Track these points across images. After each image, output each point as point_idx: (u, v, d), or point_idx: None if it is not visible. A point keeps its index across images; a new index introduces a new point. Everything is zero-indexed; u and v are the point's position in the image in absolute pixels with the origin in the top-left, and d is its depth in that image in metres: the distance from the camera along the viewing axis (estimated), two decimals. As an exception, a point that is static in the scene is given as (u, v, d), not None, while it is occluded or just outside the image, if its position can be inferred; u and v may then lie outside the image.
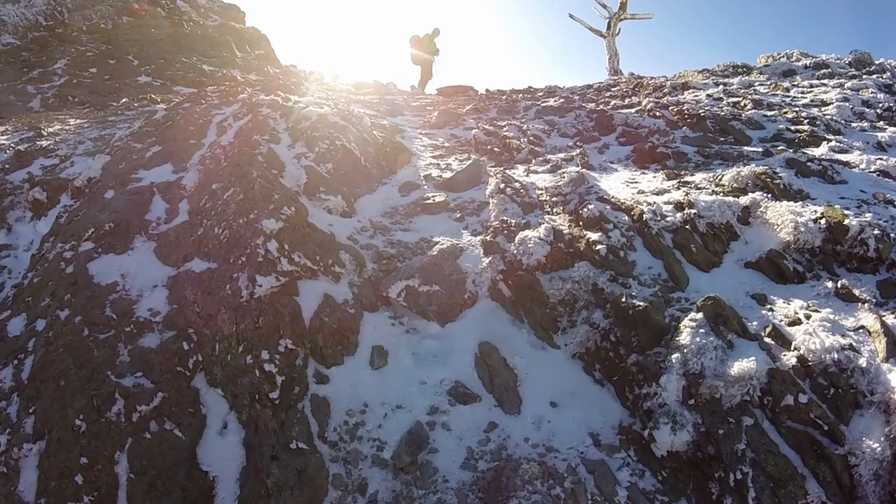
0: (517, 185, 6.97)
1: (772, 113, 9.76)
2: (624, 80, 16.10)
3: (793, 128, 9.17)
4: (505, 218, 6.33)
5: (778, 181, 6.25)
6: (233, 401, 5.21)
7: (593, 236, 5.59)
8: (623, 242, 5.55)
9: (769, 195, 6.12)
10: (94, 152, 9.36)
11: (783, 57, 19.21)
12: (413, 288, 5.72)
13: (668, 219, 5.76)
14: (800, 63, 15.90)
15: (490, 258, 5.93)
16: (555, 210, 6.36)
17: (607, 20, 19.91)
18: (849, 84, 12.80)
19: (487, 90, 15.42)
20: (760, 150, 8.26)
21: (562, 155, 8.43)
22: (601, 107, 11.50)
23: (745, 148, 8.43)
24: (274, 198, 6.29)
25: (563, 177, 6.95)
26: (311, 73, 21.07)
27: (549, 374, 5.30)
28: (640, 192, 6.48)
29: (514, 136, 9.50)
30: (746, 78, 14.18)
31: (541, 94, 14.58)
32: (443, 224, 6.89)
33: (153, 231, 7.16)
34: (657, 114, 9.91)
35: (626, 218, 5.82)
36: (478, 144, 9.52)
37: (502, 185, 6.82)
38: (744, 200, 5.99)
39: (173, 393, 5.19)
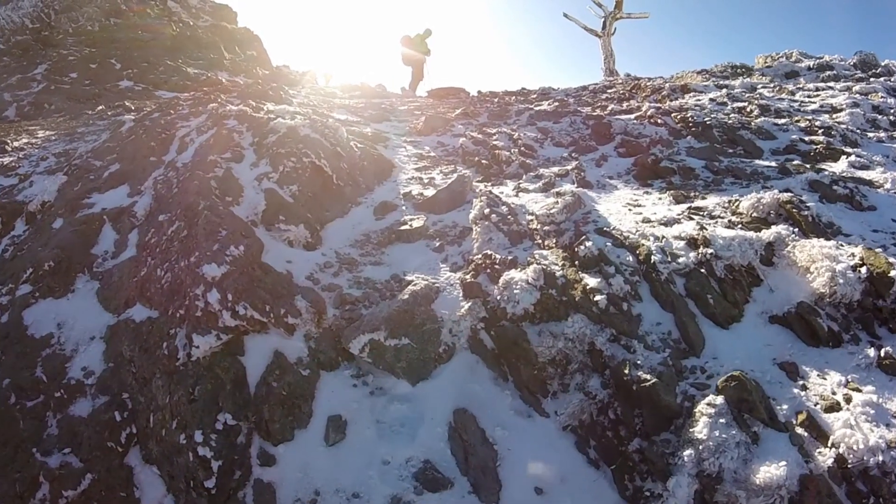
0: (504, 209, 5.83)
1: (782, 121, 8.56)
2: (620, 81, 14.84)
3: (807, 138, 7.99)
4: (489, 251, 5.20)
5: (806, 212, 5.07)
6: (170, 482, 4.21)
7: (591, 282, 4.45)
8: (626, 291, 4.40)
9: (795, 228, 4.97)
10: (54, 170, 8.22)
11: (782, 57, 17.88)
12: (379, 342, 4.61)
13: (679, 259, 4.61)
14: (802, 64, 14.61)
15: (470, 303, 4.82)
16: (546, 242, 5.22)
17: (603, 19, 18.54)
18: (856, 88, 11.54)
19: (479, 92, 14.19)
20: (774, 164, 7.09)
21: (556, 169, 7.27)
22: (598, 111, 10.30)
23: (758, 162, 7.27)
24: (220, 234, 5.17)
25: (557, 200, 5.80)
26: (304, 73, 19.79)
27: (535, 450, 4.19)
28: (646, 220, 5.32)
29: (504, 147, 8.33)
30: (748, 80, 12.93)
31: (534, 96, 13.36)
32: (419, 255, 5.77)
33: (98, 269, 6.10)
34: (659, 121, 8.72)
35: (631, 258, 4.65)
36: (465, 155, 8.36)
37: (487, 211, 5.67)
38: (767, 235, 4.83)
39: (103, 473, 4.31)
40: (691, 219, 5.22)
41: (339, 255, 5.74)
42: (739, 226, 5.10)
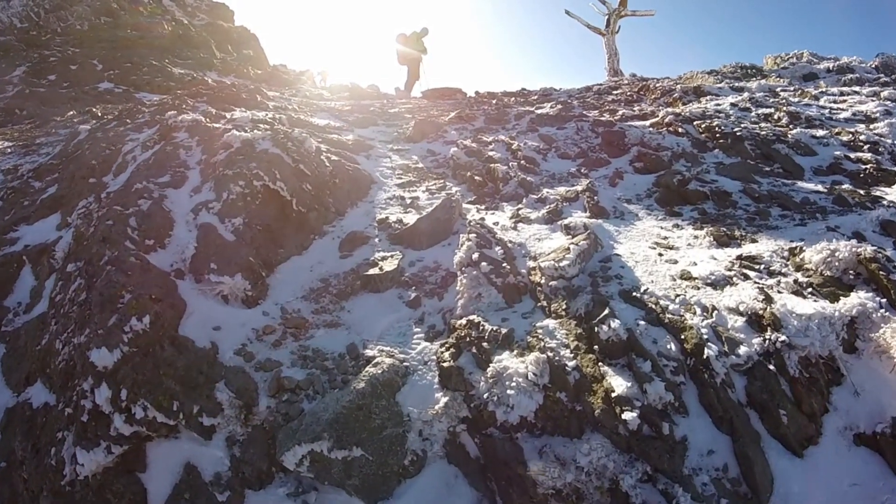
0: (498, 250, 4.22)
1: (821, 134, 6.87)
2: (626, 81, 13.07)
3: (852, 155, 6.31)
4: (475, 318, 3.61)
5: (895, 275, 3.47)
6: None
7: (617, 385, 2.86)
8: (668, 401, 2.82)
9: (879, 295, 3.38)
10: (-9, 193, 6.70)
11: (792, 58, 16.00)
12: (321, 455, 3.08)
13: (740, 350, 2.99)
14: (820, 66, 12.77)
15: (448, 397, 3.27)
16: (553, 306, 3.62)
17: (606, 17, 16.62)
18: (885, 93, 9.75)
19: (477, 92, 12.46)
20: (822, 189, 5.44)
21: (563, 189, 5.63)
22: (606, 116, 8.60)
23: (802, 185, 5.62)
24: (121, 302, 3.60)
25: (568, 247, 4.18)
26: (301, 72, 18.09)
27: None
28: (685, 274, 3.69)
29: (500, 159, 6.69)
30: (765, 82, 11.15)
31: (535, 97, 11.63)
32: (388, 312, 4.18)
33: (7, 327, 4.64)
34: (679, 130, 7.05)
35: (673, 346, 3.03)
36: (456, 168, 6.74)
37: (476, 256, 4.06)
38: (848, 308, 3.25)
39: None
40: (745, 276, 3.59)
41: (286, 314, 4.16)
42: (810, 289, 3.48)
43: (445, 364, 3.35)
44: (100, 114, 8.88)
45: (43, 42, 13.93)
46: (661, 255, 4.09)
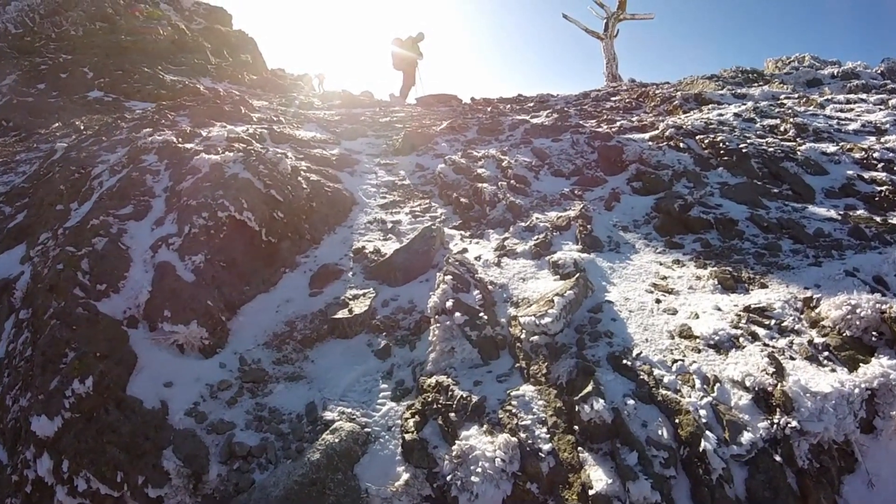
0: (476, 295, 3.68)
1: (832, 150, 6.28)
2: (625, 87, 12.47)
3: (866, 175, 5.71)
4: (445, 380, 3.12)
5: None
6: None
7: (596, 479, 2.33)
8: (654, 501, 2.33)
9: None
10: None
11: (794, 61, 15.30)
12: (258, 549, 2.62)
13: (742, 436, 2.48)
14: (825, 72, 12.06)
15: (409, 474, 2.80)
16: (533, 368, 3.10)
17: (605, 20, 15.94)
18: (893, 101, 9.11)
19: (473, 99, 11.91)
20: (836, 216, 4.87)
21: (553, 215, 5.11)
22: (604, 127, 8.04)
23: (813, 210, 5.06)
24: (64, 361, 3.16)
25: (554, 279, 3.71)
26: (300, 77, 17.60)
27: None
28: (685, 332, 3.13)
29: (490, 178, 6.17)
30: (768, 89, 10.52)
31: (531, 104, 11.07)
32: (355, 363, 3.68)
33: None
34: (681, 145, 6.49)
35: (665, 431, 2.51)
36: (443, 188, 6.22)
37: (450, 303, 3.54)
38: (868, 378, 2.72)
39: None
40: (754, 335, 3.06)
41: (245, 365, 3.68)
42: (826, 353, 2.95)
43: (409, 436, 2.87)
44: (82, 127, 8.43)
45: (35, 49, 13.47)
46: (658, 301, 3.57)
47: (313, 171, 6.23)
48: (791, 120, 7.49)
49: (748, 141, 6.31)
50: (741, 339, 3.03)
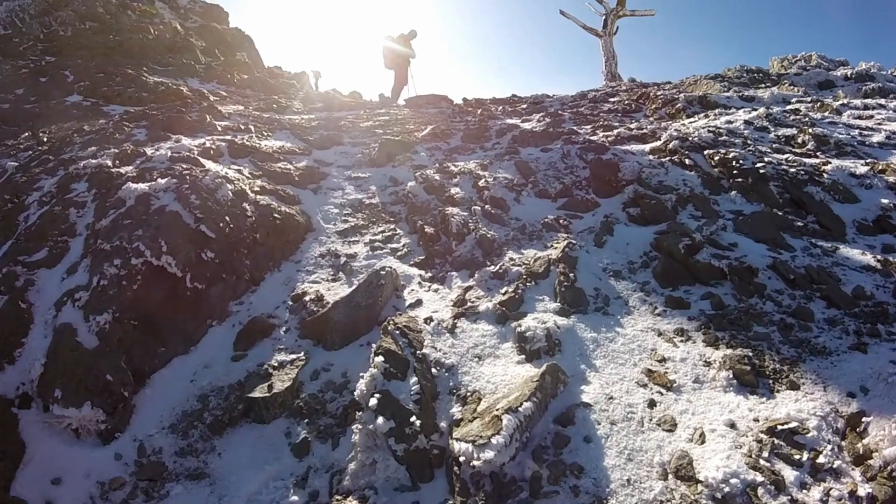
0: (413, 386, 2.59)
1: (862, 170, 5.00)
2: (624, 87, 11.13)
3: (906, 201, 4.54)
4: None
5: None
6: None
7: None
8: None
9: None
10: None
11: (800, 60, 13.74)
12: None
13: None
14: (837, 73, 10.57)
15: None
16: (479, 497, 2.10)
17: (603, 17, 14.42)
18: (917, 105, 7.82)
19: (464, 100, 10.65)
20: (872, 261, 3.65)
21: (531, 254, 3.95)
22: (600, 135, 6.80)
23: (848, 254, 3.87)
24: None
25: (517, 360, 2.62)
26: (297, 74, 16.35)
27: None
28: (683, 472, 2.00)
29: (463, 200, 5.01)
30: (779, 92, 9.15)
31: (524, 106, 9.80)
32: (265, 463, 2.60)
33: None
34: (687, 161, 5.29)
35: None
36: (411, 210, 5.08)
37: (374, 402, 2.46)
38: None
39: None
40: (778, 486, 1.93)
41: (143, 456, 2.69)
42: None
43: None
44: (45, 139, 7.34)
45: (19, 51, 12.33)
46: (652, 404, 2.46)
47: (267, 191, 5.13)
48: (809, 130, 6.22)
49: (765, 159, 5.08)
50: (760, 493, 1.92)
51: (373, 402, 2.46)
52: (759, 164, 4.89)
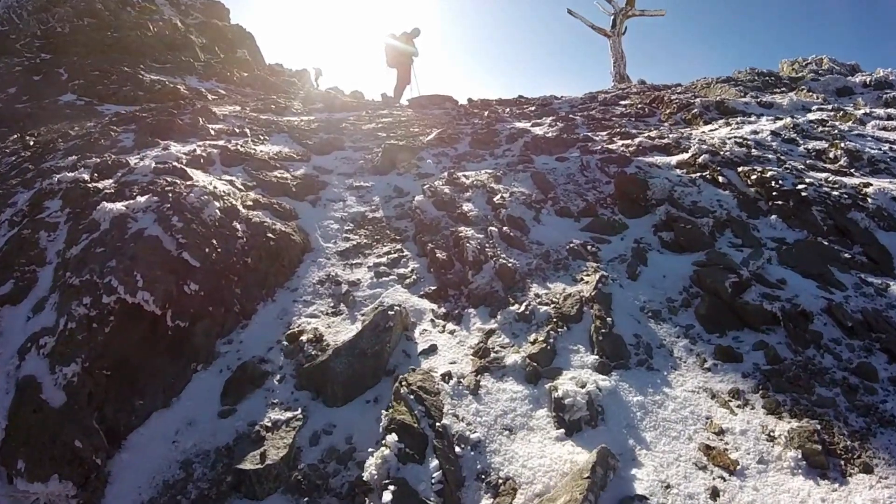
0: (434, 473, 2.11)
1: (908, 190, 4.60)
2: (636, 90, 10.59)
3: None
4: None
5: None
6: None
7: None
8: None
9: None
10: None
11: (811, 63, 13.20)
12: None
13: None
14: (856, 80, 10.05)
15: None
16: None
17: (612, 17, 13.80)
18: (943, 115, 7.34)
19: (469, 100, 10.08)
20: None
21: (559, 290, 3.41)
22: (618, 143, 6.26)
23: (907, 291, 3.45)
24: None
25: (556, 435, 2.15)
26: (298, 72, 15.69)
27: None
28: None
29: (477, 219, 4.49)
30: (798, 98, 8.62)
31: (532, 108, 9.25)
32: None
33: None
34: (720, 178, 4.78)
35: None
36: (420, 228, 4.55)
37: (389, 497, 2.02)
38: None
39: None
40: None
41: None
42: None
43: None
44: (31, 142, 6.75)
45: (15, 48, 11.61)
46: (715, 495, 2.03)
47: (261, 205, 4.61)
48: (840, 144, 5.75)
49: (806, 179, 4.59)
50: None
51: (387, 496, 1.99)
52: (800, 186, 4.41)
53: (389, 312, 3.14)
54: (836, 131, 6.30)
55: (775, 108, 8.21)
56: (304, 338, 3.26)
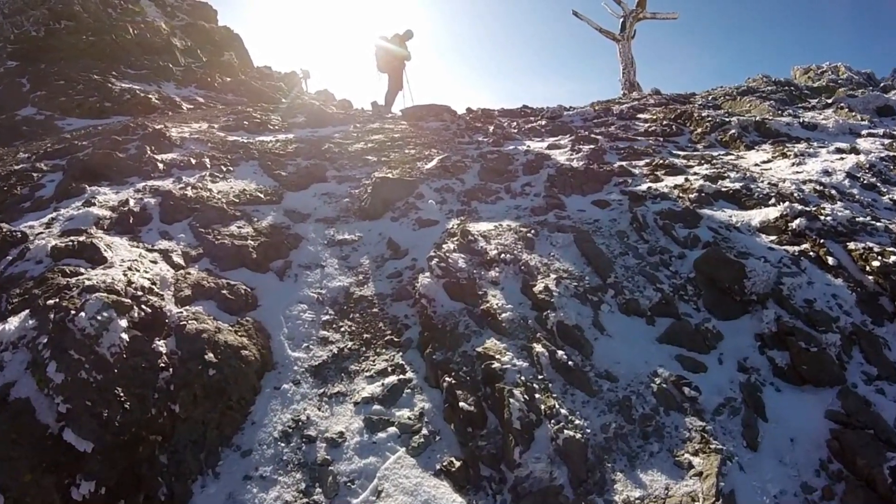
0: None
1: None
2: (652, 101, 9.03)
3: None
4: None
5: None
6: None
7: None
8: None
9: None
10: None
11: (827, 71, 11.80)
12: None
13: None
14: (893, 97, 8.66)
15: None
16: None
17: (621, 20, 12.06)
18: None
19: (469, 110, 8.38)
20: None
21: (660, 488, 1.99)
22: (671, 185, 4.62)
23: None
24: None
25: None
26: (287, 74, 13.74)
27: None
28: None
29: (513, 327, 2.83)
30: (843, 121, 7.09)
31: (541, 121, 7.57)
32: None
33: None
34: (829, 259, 3.28)
35: None
36: (429, 333, 2.92)
37: None
38: None
39: None
40: None
41: None
42: None
43: None
44: None
45: None
46: None
47: (204, 291, 3.01)
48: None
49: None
50: None
51: None
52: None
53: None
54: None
55: (819, 129, 6.80)
56: None
